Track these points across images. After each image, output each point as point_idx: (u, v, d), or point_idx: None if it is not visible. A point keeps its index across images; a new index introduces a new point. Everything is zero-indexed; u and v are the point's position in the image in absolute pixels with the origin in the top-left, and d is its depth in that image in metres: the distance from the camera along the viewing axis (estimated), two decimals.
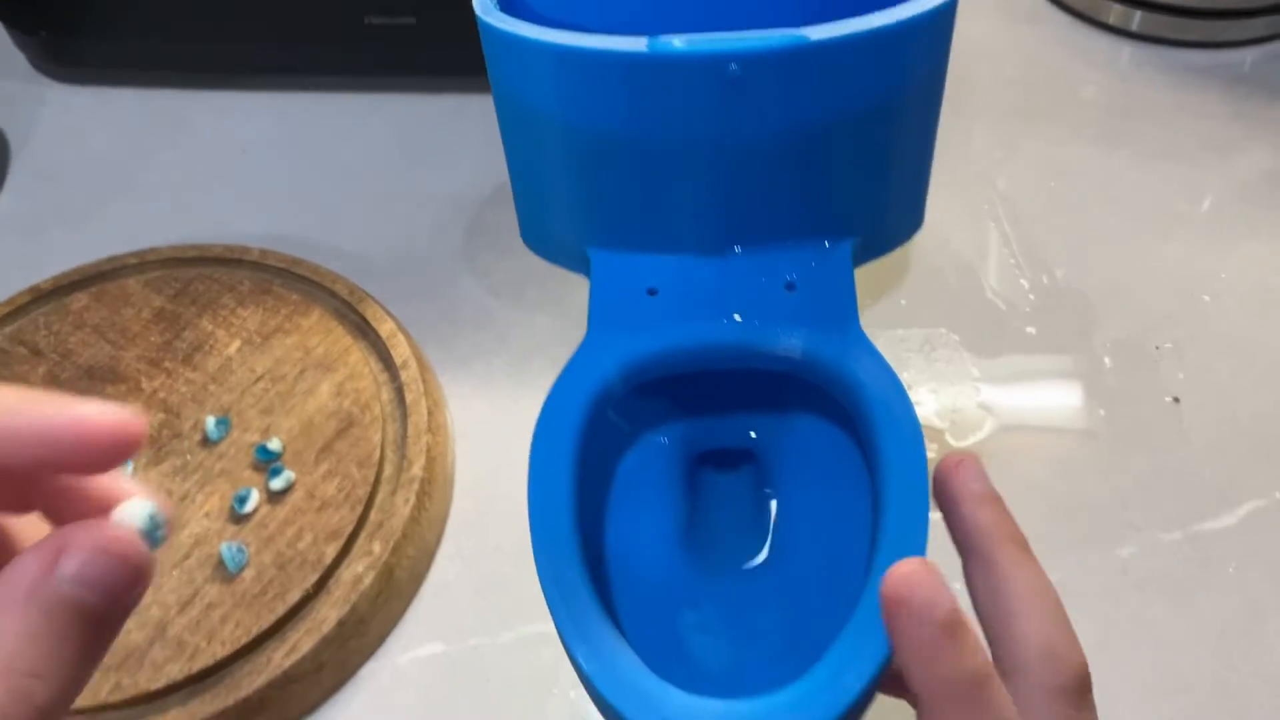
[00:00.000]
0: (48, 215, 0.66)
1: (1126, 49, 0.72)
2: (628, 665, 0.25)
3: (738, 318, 0.32)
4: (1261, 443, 0.52)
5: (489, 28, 0.32)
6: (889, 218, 0.35)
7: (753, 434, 0.34)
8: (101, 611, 0.20)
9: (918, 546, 0.27)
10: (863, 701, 0.25)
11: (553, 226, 0.36)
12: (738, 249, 0.33)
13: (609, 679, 0.25)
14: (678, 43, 0.29)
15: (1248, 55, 0.71)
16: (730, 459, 0.35)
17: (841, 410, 0.31)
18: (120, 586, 0.20)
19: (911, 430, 0.28)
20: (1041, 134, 0.67)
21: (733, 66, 0.29)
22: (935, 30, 0.32)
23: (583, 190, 0.33)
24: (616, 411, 0.32)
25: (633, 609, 0.30)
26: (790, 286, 0.33)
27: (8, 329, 0.56)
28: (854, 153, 0.32)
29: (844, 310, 0.32)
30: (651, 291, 0.33)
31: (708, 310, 0.32)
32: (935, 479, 0.29)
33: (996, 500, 0.29)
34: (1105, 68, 0.71)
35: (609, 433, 0.33)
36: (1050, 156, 0.66)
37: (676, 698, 0.25)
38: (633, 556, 0.32)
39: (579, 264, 0.36)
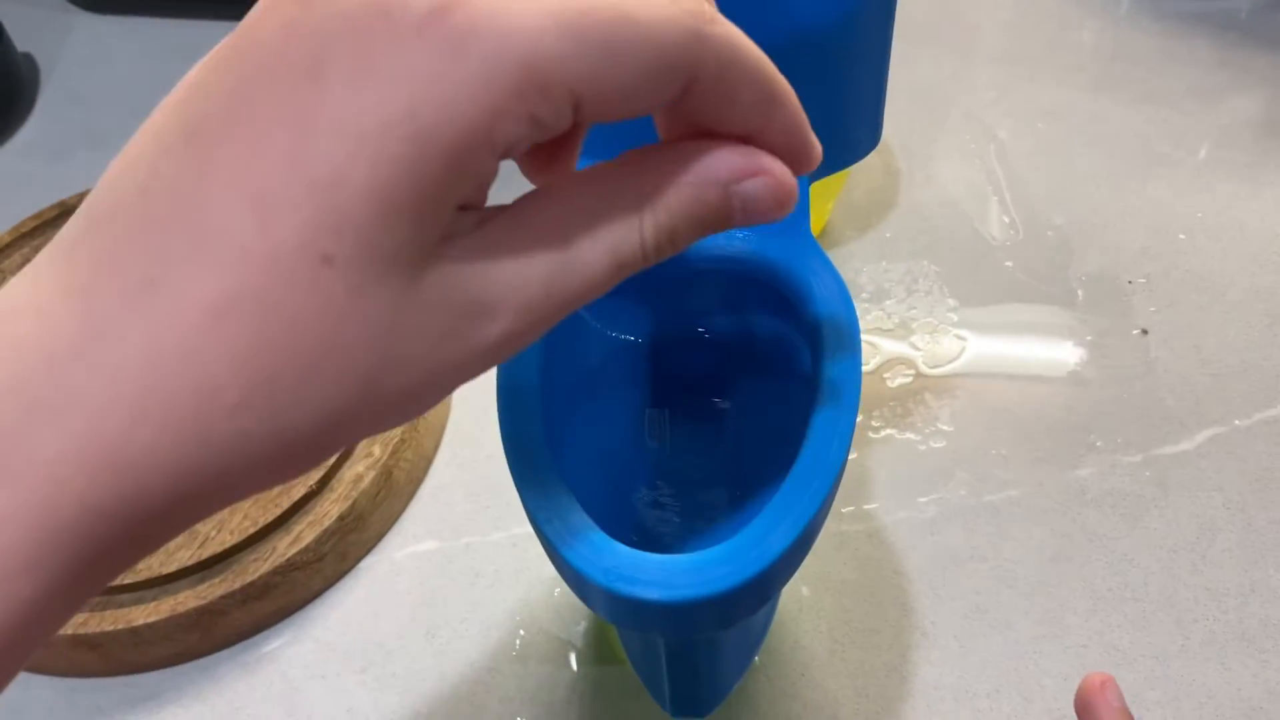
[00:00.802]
0: (75, 136, 0.69)
1: None
2: (579, 522, 0.28)
3: None
4: (1224, 374, 0.54)
5: None
6: (846, 133, 0.37)
7: (711, 332, 0.37)
8: (727, 225, 0.23)
9: (845, 431, 0.29)
10: (787, 560, 0.28)
11: None
12: None
13: (560, 533, 0.28)
14: None
15: (1244, 3, 0.72)
16: (693, 354, 0.38)
17: (792, 309, 0.33)
18: (758, 221, 0.23)
19: (848, 318, 0.31)
20: (1033, 77, 0.69)
21: None
22: None
23: None
24: (586, 309, 0.35)
25: (592, 486, 0.33)
26: None
27: (36, 241, 0.59)
28: (811, 68, 0.34)
29: (797, 216, 0.34)
30: None
31: None
32: (1080, 692, 0.34)
33: (1129, 716, 0.34)
34: (1100, 14, 0.72)
35: (577, 327, 0.35)
36: (1040, 98, 0.67)
37: (621, 550, 0.28)
38: (594, 440, 0.34)
39: None
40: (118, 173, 0.20)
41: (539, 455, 0.29)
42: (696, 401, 0.37)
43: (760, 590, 0.28)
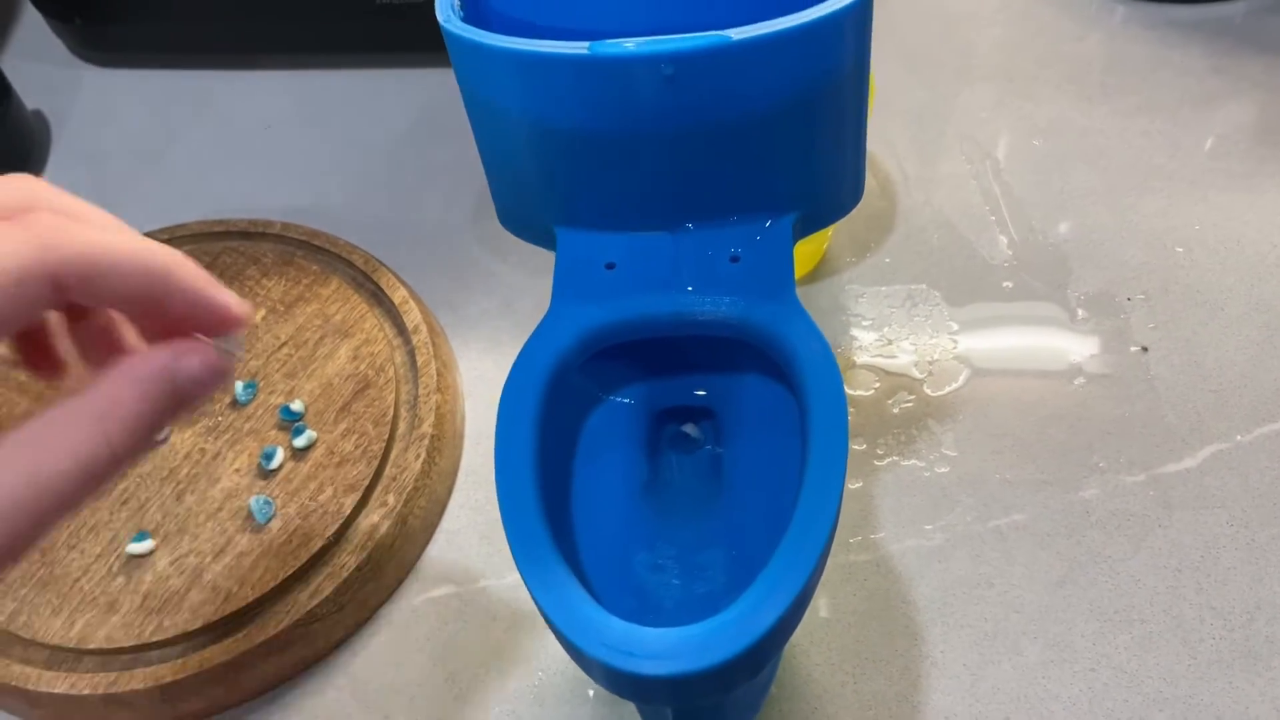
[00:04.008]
0: (86, 193, 0.69)
1: (1119, 7, 0.73)
2: (577, 599, 0.29)
3: (689, 288, 0.36)
4: (1225, 389, 0.54)
5: (451, 34, 0.35)
6: (826, 195, 0.38)
7: (705, 392, 0.38)
8: (188, 401, 0.28)
9: (833, 493, 0.30)
10: (783, 626, 0.29)
11: (523, 209, 0.40)
12: (689, 226, 0.37)
13: (559, 611, 0.29)
14: (616, 46, 0.32)
15: (1239, 9, 0.72)
16: (689, 416, 0.39)
17: (780, 372, 0.34)
18: (210, 390, 0.29)
19: (834, 387, 0.32)
20: (1026, 93, 0.69)
21: (666, 67, 0.33)
22: (852, 23, 0.34)
23: (546, 177, 0.37)
24: (581, 375, 0.36)
25: (593, 551, 0.34)
26: (735, 259, 0.36)
27: None
28: (787, 139, 0.35)
29: (782, 281, 0.35)
30: (610, 265, 0.37)
31: (660, 282, 0.36)
32: None
33: None
34: (1093, 25, 0.73)
35: (573, 394, 0.36)
36: (1034, 114, 0.68)
37: (617, 625, 0.28)
38: (595, 505, 0.35)
39: (548, 241, 0.40)
40: None
41: (535, 530, 0.30)
42: (692, 462, 0.37)
43: (758, 657, 0.29)
